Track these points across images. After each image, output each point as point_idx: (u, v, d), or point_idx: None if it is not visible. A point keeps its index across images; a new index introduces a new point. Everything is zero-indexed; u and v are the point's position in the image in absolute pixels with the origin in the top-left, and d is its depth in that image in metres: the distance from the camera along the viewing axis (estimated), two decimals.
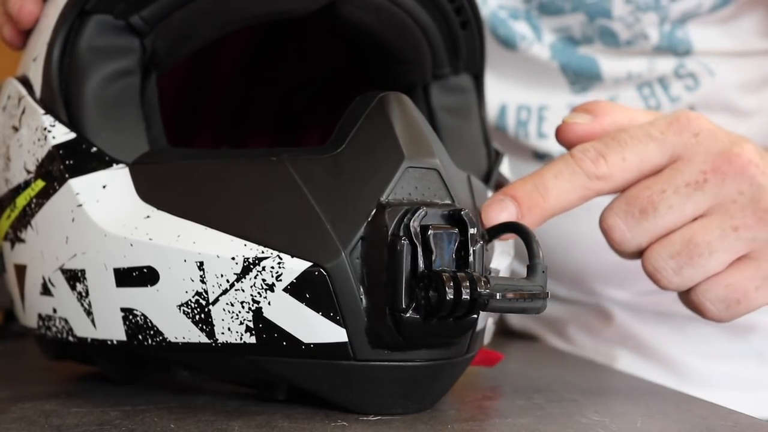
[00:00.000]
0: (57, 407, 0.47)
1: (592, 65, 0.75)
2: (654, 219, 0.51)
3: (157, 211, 0.46)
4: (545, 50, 0.75)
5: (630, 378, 0.64)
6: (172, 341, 0.46)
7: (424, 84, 0.57)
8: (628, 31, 0.73)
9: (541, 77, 0.76)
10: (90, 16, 0.50)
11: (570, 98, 0.77)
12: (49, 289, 0.50)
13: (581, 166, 0.51)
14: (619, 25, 0.73)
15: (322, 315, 0.43)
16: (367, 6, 0.53)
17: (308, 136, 0.69)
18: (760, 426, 0.46)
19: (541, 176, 0.51)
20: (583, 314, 0.83)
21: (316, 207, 0.44)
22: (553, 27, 0.75)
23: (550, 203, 0.51)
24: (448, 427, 0.44)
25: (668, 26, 0.74)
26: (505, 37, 0.75)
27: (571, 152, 0.52)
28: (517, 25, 0.75)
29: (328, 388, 0.45)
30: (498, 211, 0.50)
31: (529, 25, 0.75)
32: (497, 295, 0.42)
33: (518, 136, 0.77)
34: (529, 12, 0.75)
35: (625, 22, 0.73)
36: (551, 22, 0.75)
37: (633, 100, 0.76)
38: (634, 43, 0.74)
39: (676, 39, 0.74)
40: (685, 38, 0.74)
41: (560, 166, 0.52)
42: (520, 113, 0.77)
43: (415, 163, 0.45)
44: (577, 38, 0.75)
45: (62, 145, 0.48)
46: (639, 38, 0.74)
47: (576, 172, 0.51)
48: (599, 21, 0.73)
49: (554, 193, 0.51)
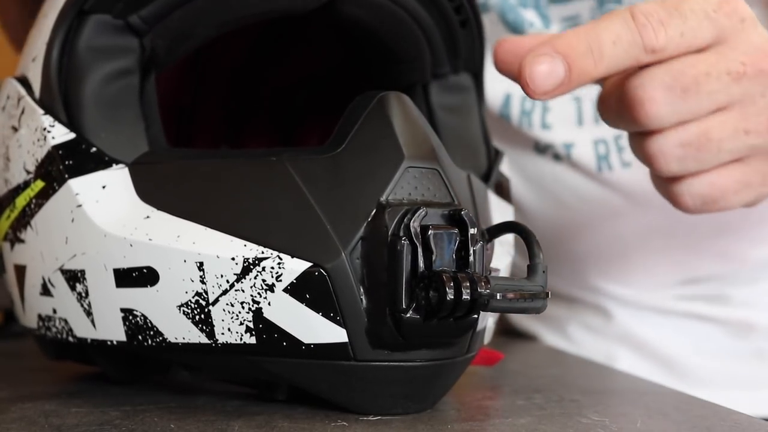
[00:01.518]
0: (57, 407, 0.47)
1: None
2: (694, 101, 0.49)
3: (156, 212, 0.46)
4: None
5: (630, 378, 0.64)
6: (172, 342, 0.46)
7: (423, 83, 0.57)
8: None
9: None
10: (89, 16, 0.49)
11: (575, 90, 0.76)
12: (48, 290, 0.50)
13: (643, 35, 0.48)
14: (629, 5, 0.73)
15: (322, 315, 0.43)
16: (367, 5, 0.53)
17: (308, 136, 0.69)
18: (760, 426, 0.46)
19: (598, 37, 0.47)
20: (583, 313, 0.83)
21: (316, 207, 0.44)
22: (562, 16, 0.74)
23: (600, 71, 0.48)
24: (448, 427, 0.44)
25: None
26: (514, 23, 0.74)
27: (633, 13, 0.48)
28: (525, 13, 0.74)
29: (329, 388, 0.45)
30: (547, 73, 0.46)
31: (538, 14, 0.74)
32: (497, 295, 0.42)
33: (522, 125, 0.77)
34: (537, 0, 0.74)
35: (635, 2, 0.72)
36: (560, 10, 0.74)
37: None
38: None
39: None
40: None
41: (620, 30, 0.48)
42: (524, 103, 0.77)
43: (415, 162, 0.45)
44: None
45: (62, 145, 0.48)
46: None
47: (636, 41, 0.48)
48: (608, 5, 0.73)
49: (608, 62, 0.48)
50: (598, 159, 0.76)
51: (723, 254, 0.79)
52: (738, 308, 0.79)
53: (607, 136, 0.76)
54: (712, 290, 0.80)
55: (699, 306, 0.80)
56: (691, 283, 0.80)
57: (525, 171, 0.79)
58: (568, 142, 0.76)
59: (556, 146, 0.77)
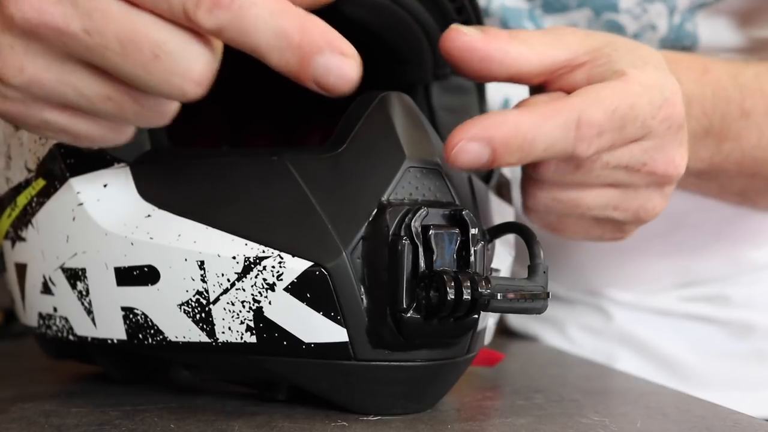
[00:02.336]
0: (57, 407, 0.47)
1: None
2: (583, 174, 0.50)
3: (157, 210, 0.46)
4: None
5: (630, 378, 0.64)
6: (172, 340, 0.46)
7: (425, 83, 0.56)
8: (636, 23, 0.73)
9: None
10: None
11: None
12: (49, 288, 0.50)
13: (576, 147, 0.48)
14: (626, 17, 0.73)
15: (323, 315, 0.43)
16: (368, 5, 0.53)
17: (309, 136, 0.69)
18: (760, 426, 0.46)
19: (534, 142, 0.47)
20: (583, 314, 0.83)
21: (317, 206, 0.44)
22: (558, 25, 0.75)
23: (520, 163, 0.48)
24: (448, 427, 0.44)
25: (678, 17, 0.73)
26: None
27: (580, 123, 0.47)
28: (523, 23, 0.74)
29: (329, 387, 0.45)
30: (473, 156, 0.45)
31: (534, 25, 0.74)
32: (498, 296, 0.42)
33: None
34: (532, 11, 0.74)
35: (633, 14, 0.72)
36: (556, 20, 0.74)
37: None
38: (641, 36, 0.74)
39: (684, 32, 0.74)
40: (693, 31, 0.74)
41: (557, 138, 0.47)
42: None
43: (416, 162, 0.45)
44: None
45: (63, 143, 0.48)
46: (647, 30, 0.73)
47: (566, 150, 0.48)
48: (606, 15, 0.73)
49: (530, 159, 0.48)
50: None
51: (723, 256, 0.79)
52: (738, 309, 0.79)
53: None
54: (712, 291, 0.80)
55: (699, 307, 0.80)
56: (691, 284, 0.80)
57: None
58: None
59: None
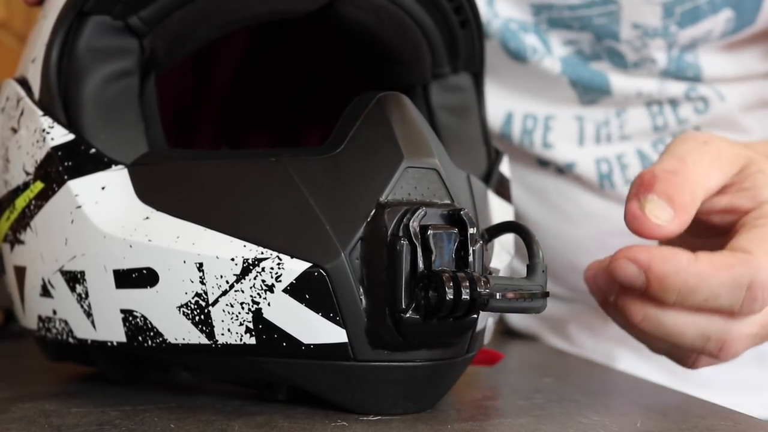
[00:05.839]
0: (57, 407, 0.47)
1: (603, 81, 0.75)
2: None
3: (156, 212, 0.46)
4: (556, 64, 0.75)
5: (630, 378, 0.64)
6: (172, 342, 0.46)
7: (423, 83, 0.57)
8: (636, 54, 0.73)
9: (549, 89, 0.76)
10: (88, 17, 0.49)
11: (578, 110, 0.76)
12: (48, 291, 0.50)
13: (745, 307, 0.48)
14: (626, 47, 0.73)
15: (322, 315, 0.43)
16: (366, 5, 0.53)
17: (307, 137, 0.69)
18: (760, 426, 0.46)
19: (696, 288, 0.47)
20: (583, 314, 0.83)
21: (316, 207, 0.44)
22: (564, 40, 0.75)
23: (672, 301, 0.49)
24: (448, 427, 0.44)
25: (676, 51, 0.74)
26: (516, 50, 0.74)
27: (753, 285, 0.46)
28: (527, 38, 0.74)
29: (328, 388, 0.45)
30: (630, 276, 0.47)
31: (539, 39, 0.74)
32: (497, 295, 0.42)
33: (523, 144, 0.77)
34: (538, 26, 0.74)
35: (633, 46, 0.73)
36: (561, 35, 0.74)
37: (641, 116, 0.76)
38: (641, 66, 0.74)
39: (685, 64, 0.74)
40: (694, 63, 0.74)
41: (722, 293, 0.47)
42: (526, 122, 0.77)
43: (414, 163, 0.45)
44: (587, 53, 0.75)
45: (61, 146, 0.48)
46: (646, 62, 0.74)
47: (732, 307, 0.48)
48: (606, 42, 0.73)
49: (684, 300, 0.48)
50: (600, 177, 0.77)
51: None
52: None
53: (609, 155, 0.76)
54: None
55: None
56: None
57: (528, 183, 0.79)
58: (570, 161, 0.77)
59: (558, 163, 0.77)
